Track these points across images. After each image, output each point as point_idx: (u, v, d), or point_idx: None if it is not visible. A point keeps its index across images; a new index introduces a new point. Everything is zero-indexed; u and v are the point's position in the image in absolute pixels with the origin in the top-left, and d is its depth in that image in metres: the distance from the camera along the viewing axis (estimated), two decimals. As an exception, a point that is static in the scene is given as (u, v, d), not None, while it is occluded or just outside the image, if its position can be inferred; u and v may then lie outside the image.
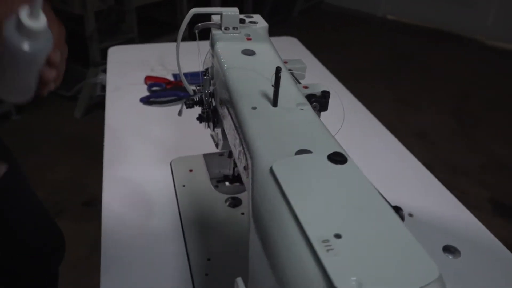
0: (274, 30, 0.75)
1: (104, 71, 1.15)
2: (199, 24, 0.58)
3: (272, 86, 0.49)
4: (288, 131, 0.43)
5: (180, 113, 0.94)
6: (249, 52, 0.54)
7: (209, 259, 0.60)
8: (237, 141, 0.45)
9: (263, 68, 0.52)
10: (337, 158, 0.37)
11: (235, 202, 0.70)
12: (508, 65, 3.30)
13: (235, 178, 0.74)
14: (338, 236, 0.30)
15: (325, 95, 0.54)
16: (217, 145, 0.67)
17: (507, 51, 3.48)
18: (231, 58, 0.53)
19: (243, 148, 0.43)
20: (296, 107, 0.46)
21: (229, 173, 0.74)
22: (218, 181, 0.75)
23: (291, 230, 0.32)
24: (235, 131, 0.46)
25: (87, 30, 2.13)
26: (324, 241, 0.30)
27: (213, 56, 0.56)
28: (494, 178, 2.07)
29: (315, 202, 0.33)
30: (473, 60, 3.32)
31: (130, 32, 2.37)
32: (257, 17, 0.62)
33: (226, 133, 0.54)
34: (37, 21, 0.41)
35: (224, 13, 0.56)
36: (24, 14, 0.41)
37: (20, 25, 0.41)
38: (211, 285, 0.57)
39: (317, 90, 0.54)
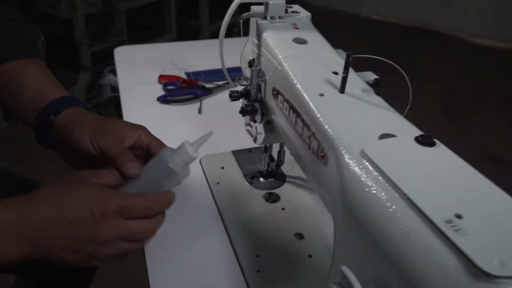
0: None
1: (112, 71, 1.12)
2: (244, 15, 0.56)
3: (333, 73, 0.48)
4: (363, 116, 0.42)
5: (200, 111, 0.93)
6: (300, 41, 0.52)
7: (258, 256, 0.59)
8: (305, 130, 0.44)
9: (317, 56, 0.51)
10: (426, 140, 0.37)
11: (273, 198, 0.69)
12: (489, 60, 3.38)
13: (269, 174, 0.73)
14: (459, 216, 0.29)
15: (378, 82, 0.53)
16: (255, 139, 0.66)
17: (487, 47, 3.57)
18: (284, 47, 0.51)
19: (315, 137, 0.42)
20: (362, 93, 0.45)
21: (263, 168, 0.73)
22: (252, 177, 0.73)
23: (405, 214, 0.30)
24: (301, 121, 0.44)
25: (77, 34, 2.08)
26: (447, 222, 0.28)
27: (259, 46, 0.55)
28: (488, 171, 2.10)
29: (422, 183, 0.32)
30: (456, 57, 3.39)
31: (120, 35, 2.33)
32: (296, 7, 0.61)
33: (279, 125, 0.52)
34: (195, 152, 0.49)
35: (270, 2, 0.54)
36: (188, 145, 0.48)
37: (182, 152, 0.48)
38: (264, 282, 0.55)
39: (370, 78, 0.53)
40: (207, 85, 0.99)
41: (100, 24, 2.26)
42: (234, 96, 0.57)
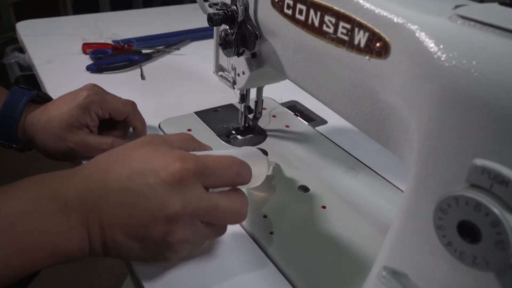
0: None
1: (17, 49, 0.93)
2: None
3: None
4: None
5: (143, 77, 0.79)
6: None
7: (265, 216, 0.48)
8: (341, 25, 0.34)
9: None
10: (515, 1, 0.29)
11: (260, 153, 0.58)
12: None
13: (247, 129, 0.62)
14: None
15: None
16: (234, 83, 0.55)
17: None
18: None
19: (362, 28, 0.32)
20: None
21: (239, 124, 0.62)
22: (227, 135, 0.62)
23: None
24: (333, 15, 0.35)
25: (-45, 30, 1.77)
26: None
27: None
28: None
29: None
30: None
31: (8, 31, 2.03)
32: None
33: (277, 49, 0.42)
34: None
35: None
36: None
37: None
38: (282, 242, 0.45)
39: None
40: (144, 51, 0.85)
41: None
42: (216, 20, 0.45)
